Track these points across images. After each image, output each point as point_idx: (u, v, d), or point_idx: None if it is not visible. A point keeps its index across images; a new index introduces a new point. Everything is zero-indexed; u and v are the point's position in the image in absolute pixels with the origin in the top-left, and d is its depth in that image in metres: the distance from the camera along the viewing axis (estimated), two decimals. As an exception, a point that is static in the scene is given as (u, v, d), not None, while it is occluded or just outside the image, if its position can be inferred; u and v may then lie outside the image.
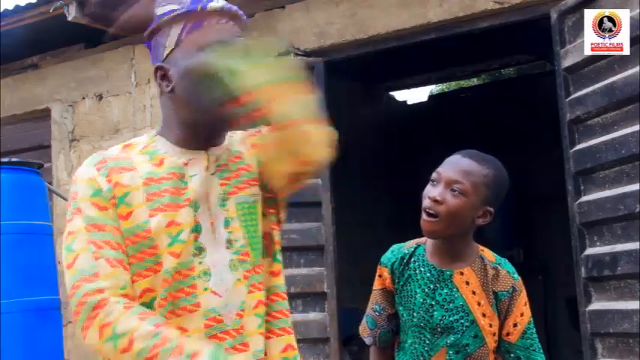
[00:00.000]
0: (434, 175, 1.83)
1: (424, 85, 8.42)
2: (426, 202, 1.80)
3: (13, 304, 3.52)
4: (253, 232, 1.42)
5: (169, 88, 1.41)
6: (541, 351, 1.89)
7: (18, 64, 5.56)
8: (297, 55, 4.42)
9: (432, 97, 9.48)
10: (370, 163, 6.61)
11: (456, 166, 1.82)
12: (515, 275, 1.89)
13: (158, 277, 1.34)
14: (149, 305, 1.34)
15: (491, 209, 1.83)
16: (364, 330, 1.97)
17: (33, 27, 4.91)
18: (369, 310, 1.97)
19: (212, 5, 1.39)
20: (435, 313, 1.83)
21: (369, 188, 6.53)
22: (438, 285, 1.85)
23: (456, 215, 1.78)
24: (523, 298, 1.88)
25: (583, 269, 3.30)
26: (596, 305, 3.26)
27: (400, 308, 1.90)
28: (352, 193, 5.85)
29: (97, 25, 4.79)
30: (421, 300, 1.84)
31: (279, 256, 1.50)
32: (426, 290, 1.85)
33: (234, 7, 1.43)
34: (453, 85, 10.42)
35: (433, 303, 1.84)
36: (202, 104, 1.37)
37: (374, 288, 1.97)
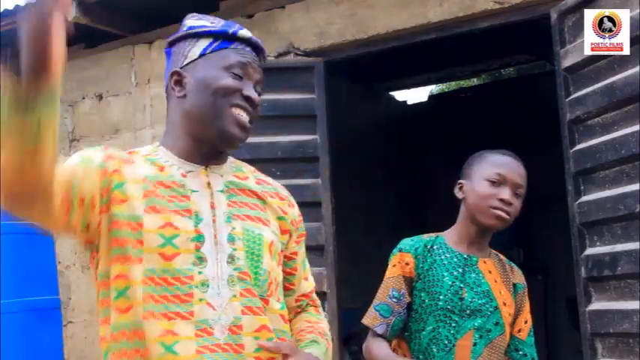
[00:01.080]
0: (495, 176, 1.91)
1: (424, 85, 8.42)
2: (497, 203, 1.89)
3: (13, 304, 3.52)
4: (256, 260, 1.42)
5: (182, 93, 1.43)
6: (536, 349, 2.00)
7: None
8: (297, 55, 4.43)
9: (432, 97, 9.48)
10: (370, 162, 6.61)
11: (518, 170, 1.96)
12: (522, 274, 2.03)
13: (136, 269, 1.34)
14: (122, 292, 1.35)
15: None
16: (375, 319, 1.90)
17: (33, 27, 4.90)
18: (384, 298, 1.91)
19: (242, 33, 1.46)
20: (466, 295, 1.88)
21: (369, 188, 6.53)
22: (466, 269, 1.91)
23: (516, 216, 1.93)
24: (527, 296, 2.00)
25: (583, 269, 3.29)
26: (596, 305, 3.26)
27: (422, 294, 1.89)
28: (352, 193, 5.85)
29: (97, 25, 4.79)
30: (450, 283, 1.88)
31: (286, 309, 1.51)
32: (455, 273, 1.90)
33: (260, 42, 1.50)
34: (453, 85, 10.42)
35: (463, 285, 1.89)
36: (210, 118, 1.41)
37: (390, 276, 1.93)
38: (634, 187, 3.07)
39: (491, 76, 9.13)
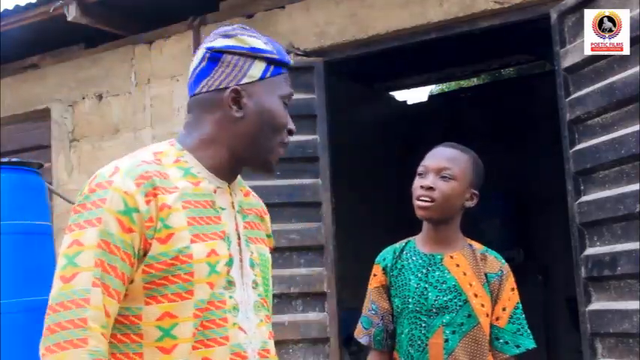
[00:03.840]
0: (420, 169, 1.99)
1: (424, 85, 8.42)
2: (419, 192, 1.95)
3: (13, 304, 3.52)
4: (267, 285, 1.46)
5: (240, 114, 1.38)
6: (530, 336, 1.98)
7: (18, 64, 5.56)
8: (297, 55, 4.43)
9: (432, 97, 9.48)
10: (370, 162, 6.60)
11: (441, 155, 1.99)
12: (503, 261, 2.01)
13: (187, 304, 1.29)
14: (167, 330, 1.29)
15: (477, 192, 1.99)
16: (359, 331, 2.04)
17: (33, 27, 4.91)
18: (365, 311, 2.04)
19: (283, 59, 1.47)
20: (429, 294, 1.93)
21: (369, 188, 6.52)
22: (430, 269, 1.96)
23: (450, 198, 1.94)
24: (511, 283, 1.99)
25: (583, 269, 3.30)
26: (596, 305, 3.26)
27: (396, 300, 1.98)
28: (352, 193, 5.84)
29: (97, 25, 4.79)
30: (415, 285, 1.95)
31: None
32: (419, 275, 1.96)
33: (288, 60, 1.51)
34: (453, 85, 10.41)
35: (427, 285, 1.94)
36: (261, 149, 1.42)
37: (369, 287, 2.06)
38: (634, 187, 3.07)
39: (491, 76, 9.13)
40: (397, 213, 6.98)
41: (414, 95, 20.29)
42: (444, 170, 1.94)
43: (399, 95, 8.30)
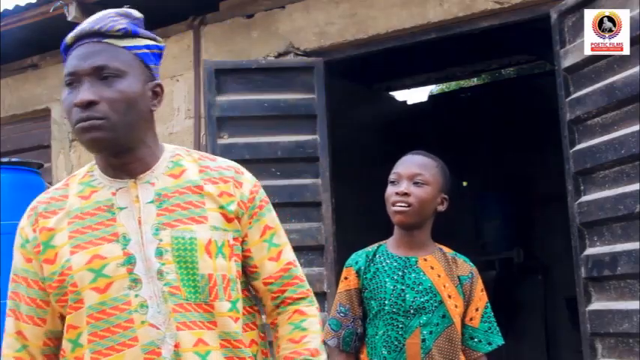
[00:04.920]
0: (393, 177, 2.07)
1: (424, 85, 8.41)
2: (395, 198, 2.02)
3: (13, 304, 3.52)
4: (190, 268, 1.36)
5: None
6: (499, 333, 2.07)
7: (18, 64, 5.56)
8: (297, 55, 4.43)
9: (432, 97, 9.48)
10: (370, 162, 6.60)
11: (412, 162, 2.07)
12: (471, 264, 2.10)
13: (80, 313, 1.35)
14: (75, 341, 1.36)
15: (447, 196, 2.07)
16: (328, 333, 2.06)
17: (33, 27, 4.91)
18: (334, 313, 2.09)
19: (69, 37, 1.40)
20: (407, 296, 1.98)
21: (369, 188, 6.52)
22: (406, 271, 2.02)
23: (425, 203, 2.01)
24: (480, 284, 2.08)
25: (583, 269, 3.30)
26: (596, 305, 3.26)
27: (371, 302, 2.03)
28: (352, 193, 5.84)
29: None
30: (392, 287, 2.00)
31: (240, 305, 1.44)
32: (395, 277, 2.01)
33: (91, 26, 1.38)
34: (453, 85, 10.41)
35: (404, 287, 1.99)
36: (73, 130, 1.40)
37: (338, 291, 2.11)
38: (634, 187, 3.07)
39: (491, 76, 9.13)
40: (397, 213, 6.99)
41: (414, 95, 20.29)
42: (416, 176, 2.02)
43: (399, 95, 8.31)
